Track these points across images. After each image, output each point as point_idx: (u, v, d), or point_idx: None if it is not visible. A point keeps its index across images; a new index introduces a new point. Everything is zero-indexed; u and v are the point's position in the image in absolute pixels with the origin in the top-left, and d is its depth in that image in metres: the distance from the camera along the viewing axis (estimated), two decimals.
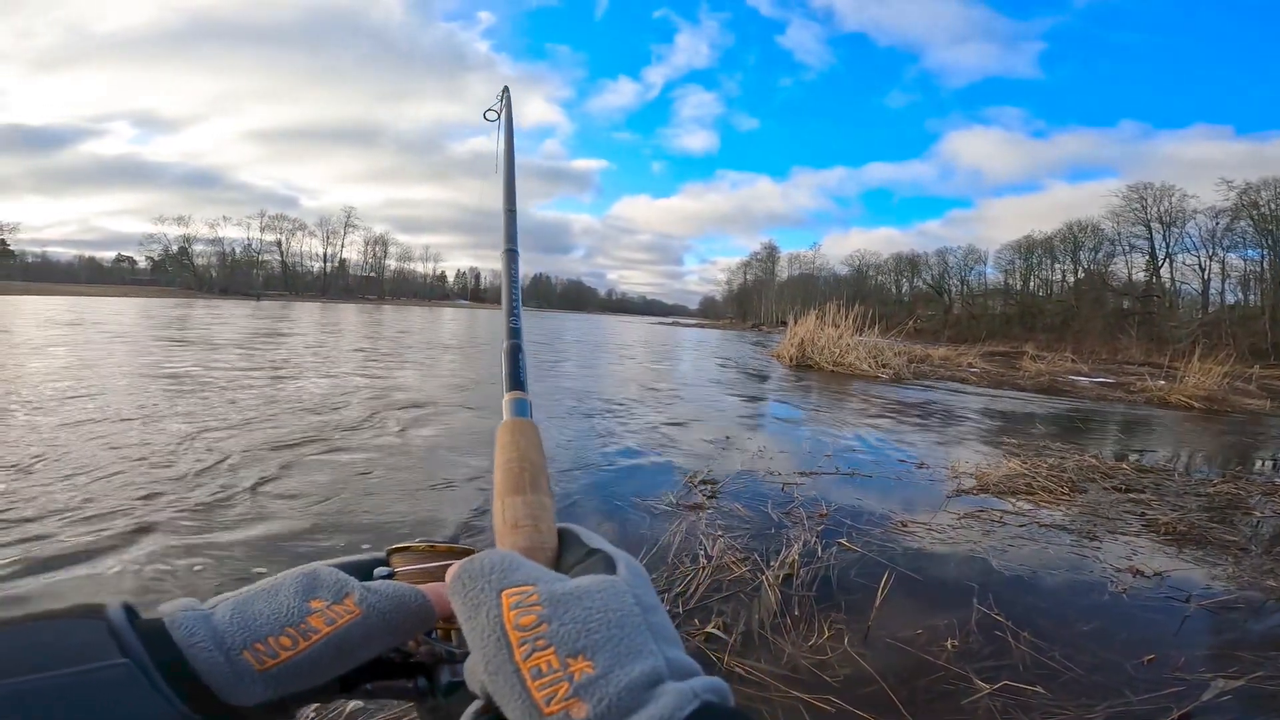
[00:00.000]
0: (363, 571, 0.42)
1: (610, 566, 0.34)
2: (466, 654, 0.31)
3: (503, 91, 0.88)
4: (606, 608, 0.30)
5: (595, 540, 0.39)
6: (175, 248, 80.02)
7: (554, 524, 0.41)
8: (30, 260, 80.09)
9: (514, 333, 0.54)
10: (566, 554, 0.39)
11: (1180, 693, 2.02)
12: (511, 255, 0.63)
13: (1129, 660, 2.20)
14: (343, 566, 0.40)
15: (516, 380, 0.50)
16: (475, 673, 0.30)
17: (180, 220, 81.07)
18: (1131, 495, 4.46)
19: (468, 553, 0.42)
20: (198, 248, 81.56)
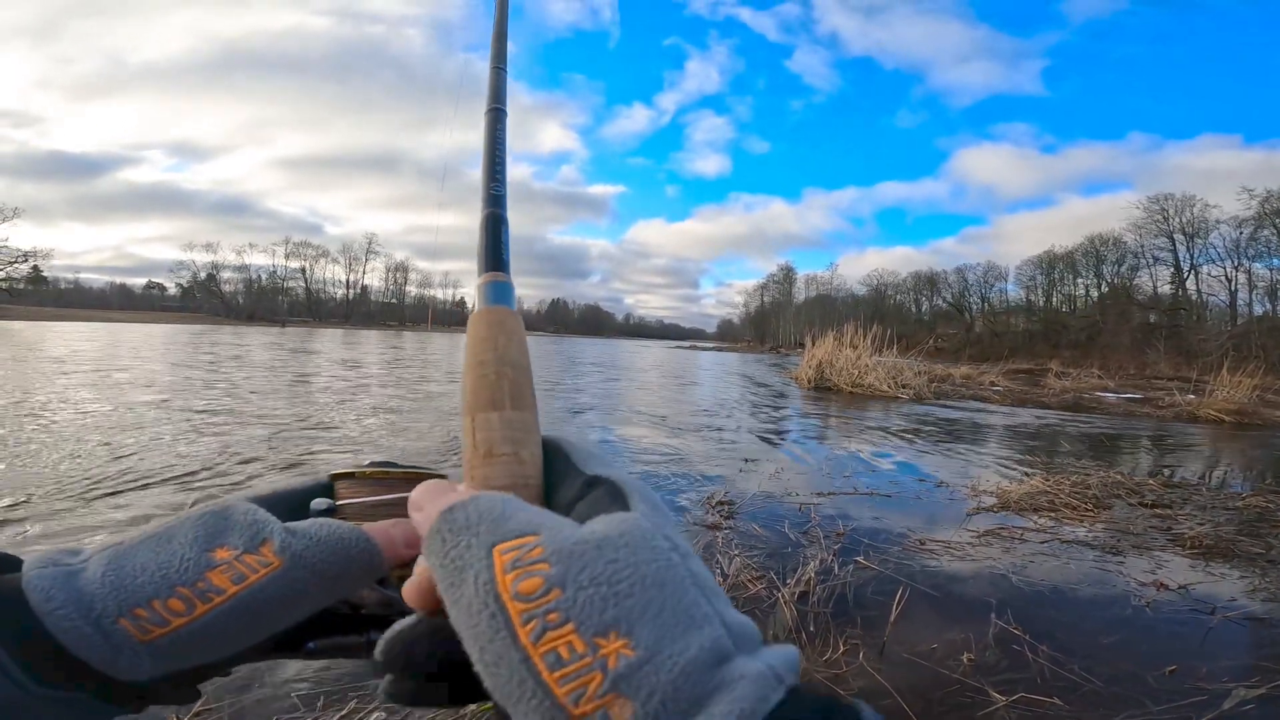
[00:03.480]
0: (295, 505, 0.34)
1: (621, 500, 0.26)
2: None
3: None
4: (636, 560, 0.22)
5: (592, 463, 0.30)
6: (203, 274, 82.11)
7: (539, 450, 0.31)
8: (64, 286, 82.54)
9: (495, 200, 0.43)
10: (559, 487, 0.30)
11: (1201, 702, 2.00)
12: (498, 115, 0.50)
13: (1150, 672, 2.18)
14: (266, 501, 0.32)
15: (497, 257, 0.38)
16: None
17: (208, 247, 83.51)
18: (1158, 511, 4.39)
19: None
20: (225, 275, 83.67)
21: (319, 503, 0.34)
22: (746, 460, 5.73)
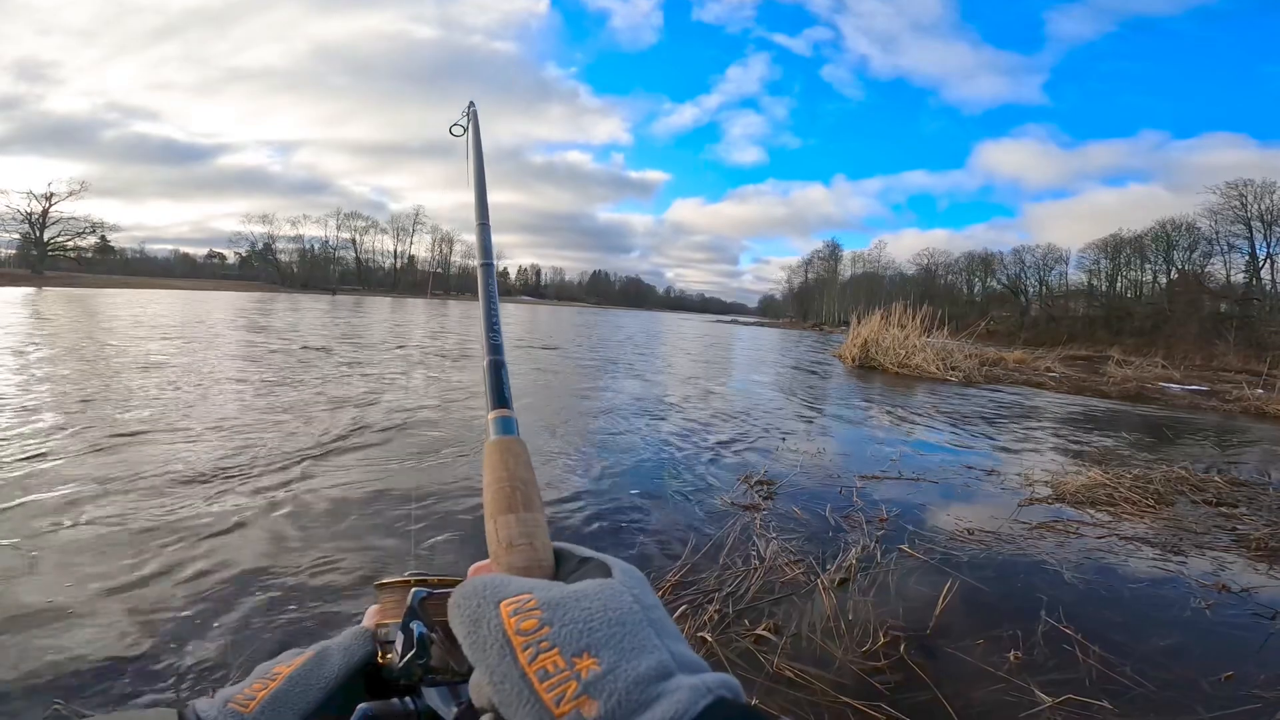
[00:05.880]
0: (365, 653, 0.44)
1: (605, 572, 0.35)
2: (463, 675, 0.33)
3: (468, 107, 0.86)
4: (606, 607, 0.31)
5: (589, 552, 0.39)
6: (260, 245, 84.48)
7: (549, 541, 0.41)
8: (130, 256, 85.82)
9: (495, 348, 0.52)
10: (562, 567, 0.39)
11: (1257, 710, 1.93)
12: (487, 270, 0.60)
13: (1206, 677, 2.11)
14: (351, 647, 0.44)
15: (501, 397, 0.49)
16: (481, 688, 0.30)
17: (265, 219, 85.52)
18: (1222, 509, 4.19)
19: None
20: (279, 245, 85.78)
21: (417, 625, 0.40)
22: (785, 439, 5.69)
